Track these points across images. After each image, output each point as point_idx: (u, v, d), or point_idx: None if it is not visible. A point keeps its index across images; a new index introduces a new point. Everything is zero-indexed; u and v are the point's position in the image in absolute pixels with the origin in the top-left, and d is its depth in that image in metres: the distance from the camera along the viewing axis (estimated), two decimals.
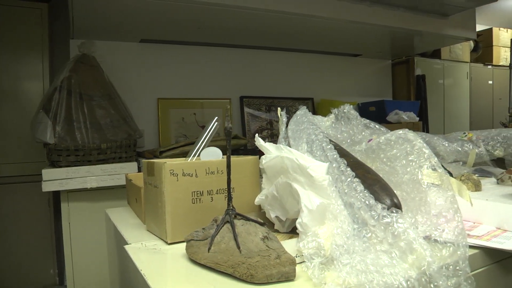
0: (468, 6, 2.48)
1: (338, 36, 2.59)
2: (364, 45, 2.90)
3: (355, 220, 0.66)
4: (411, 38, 2.74)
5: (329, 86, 3.11)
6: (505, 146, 1.67)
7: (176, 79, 2.72)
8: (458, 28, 2.67)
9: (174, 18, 2.18)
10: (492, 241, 0.83)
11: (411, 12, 2.36)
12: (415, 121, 2.83)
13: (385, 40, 2.79)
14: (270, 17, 2.07)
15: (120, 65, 2.54)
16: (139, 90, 2.61)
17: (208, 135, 0.96)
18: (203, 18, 2.19)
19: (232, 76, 2.86)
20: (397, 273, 0.57)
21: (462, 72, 3.84)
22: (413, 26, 2.41)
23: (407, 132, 0.78)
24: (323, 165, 0.67)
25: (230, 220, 0.69)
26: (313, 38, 2.64)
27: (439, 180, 0.72)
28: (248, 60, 2.90)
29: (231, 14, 2.07)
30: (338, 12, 2.09)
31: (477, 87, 4.00)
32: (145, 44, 2.63)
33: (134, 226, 1.02)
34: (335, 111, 1.03)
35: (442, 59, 3.64)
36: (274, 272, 0.59)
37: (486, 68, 4.15)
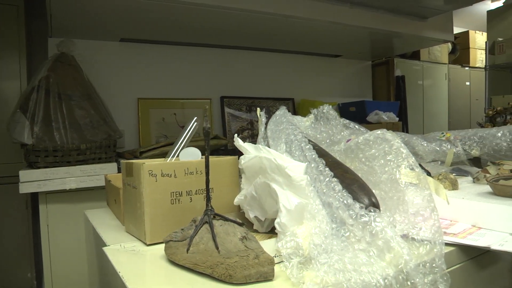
0: (445, 9, 2.53)
1: (319, 37, 2.60)
2: (344, 46, 2.92)
3: (333, 220, 0.66)
4: (391, 39, 2.77)
5: (309, 87, 3.12)
6: (481, 145, 1.70)
7: (157, 79, 2.70)
8: (436, 31, 2.71)
9: (154, 18, 2.17)
10: (468, 238, 0.84)
11: (391, 14, 2.40)
12: (395, 121, 2.86)
13: (365, 41, 2.82)
14: (251, 17, 2.07)
15: (100, 65, 2.50)
16: (119, 90, 2.58)
17: (187, 136, 0.96)
18: (184, 18, 2.18)
19: (213, 76, 2.85)
20: (375, 271, 0.57)
21: (440, 73, 3.91)
22: (392, 28, 2.44)
23: (385, 132, 0.79)
24: (301, 165, 0.68)
25: (208, 220, 0.68)
26: (293, 38, 2.65)
27: (416, 179, 0.73)
28: (229, 60, 2.89)
29: (212, 14, 2.06)
30: (319, 13, 2.10)
31: (455, 88, 4.08)
32: (125, 44, 2.60)
33: (113, 227, 1.01)
34: (315, 112, 1.03)
35: (421, 61, 3.70)
36: (253, 272, 0.59)
37: (463, 70, 4.23)
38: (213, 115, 2.85)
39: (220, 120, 2.87)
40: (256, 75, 2.98)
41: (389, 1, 2.22)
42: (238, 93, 2.93)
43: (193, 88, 2.79)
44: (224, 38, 2.65)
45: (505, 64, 3.17)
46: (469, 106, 4.28)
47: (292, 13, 2.03)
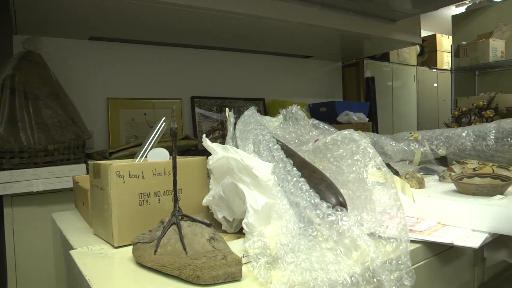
0: (413, 13, 2.59)
1: (289, 38, 2.62)
2: (314, 47, 2.95)
3: (301, 219, 0.67)
4: (361, 41, 2.82)
5: (280, 87, 3.14)
6: (447, 145, 1.75)
7: (127, 79, 2.66)
8: (405, 33, 2.78)
9: (124, 16, 2.13)
10: (433, 235, 0.87)
11: (360, 16, 2.43)
12: (365, 122, 2.91)
13: (335, 43, 2.85)
14: (222, 17, 2.06)
15: (68, 63, 2.45)
16: (88, 89, 2.53)
17: (156, 136, 0.95)
18: (154, 17, 2.15)
19: (183, 76, 2.83)
20: (342, 269, 0.58)
21: (409, 75, 4.00)
22: (362, 30, 2.48)
23: (352, 132, 0.80)
24: (268, 165, 0.68)
25: (176, 221, 0.68)
26: (264, 39, 2.66)
27: (383, 178, 0.75)
28: (199, 60, 2.88)
29: (182, 13, 2.05)
30: (289, 14, 2.11)
31: (424, 89, 4.18)
32: (94, 42, 2.55)
33: (81, 230, 0.99)
34: (283, 112, 1.04)
35: (391, 62, 3.78)
36: (220, 273, 0.59)
37: (431, 72, 4.34)
38: (184, 115, 2.82)
39: (190, 120, 2.85)
40: (227, 75, 2.98)
41: (359, 4, 2.25)
42: (209, 93, 2.92)
43: (163, 88, 2.76)
44: (195, 38, 2.63)
45: (469, 66, 3.28)
46: (437, 107, 4.40)
47: (262, 14, 2.03)
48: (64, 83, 2.12)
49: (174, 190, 0.71)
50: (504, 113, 2.89)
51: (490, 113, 2.91)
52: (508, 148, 1.63)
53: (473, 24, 3.73)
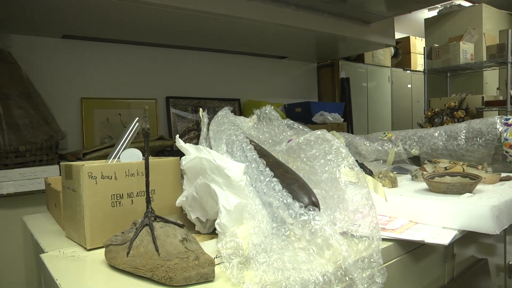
0: (387, 15, 2.63)
1: (265, 38, 2.63)
2: (290, 48, 2.96)
3: (274, 219, 0.67)
4: (336, 42, 2.84)
5: (256, 87, 3.14)
6: (420, 145, 1.79)
7: (101, 78, 2.62)
8: (379, 35, 2.82)
9: (99, 14, 2.10)
10: (405, 233, 0.89)
11: (335, 18, 2.46)
12: (340, 122, 2.94)
13: (310, 44, 2.87)
14: (197, 17, 2.05)
15: (40, 62, 2.39)
16: (61, 89, 2.47)
17: (129, 137, 0.94)
18: (129, 16, 2.12)
19: (159, 76, 2.81)
20: (314, 268, 0.59)
21: (384, 76, 4.06)
22: (337, 31, 2.51)
23: (325, 133, 0.81)
24: (240, 166, 0.68)
25: (149, 223, 0.67)
26: (240, 39, 2.65)
27: (355, 178, 0.76)
28: (174, 60, 2.86)
29: (157, 12, 2.03)
30: (264, 14, 2.12)
31: (398, 90, 4.25)
32: (67, 40, 2.50)
33: (53, 233, 0.97)
34: (257, 112, 1.04)
35: (366, 63, 3.83)
36: (193, 274, 0.59)
37: (405, 73, 4.42)
38: (159, 115, 2.80)
39: (165, 120, 2.83)
40: (203, 75, 2.97)
41: (334, 5, 2.27)
42: (184, 94, 2.90)
43: (138, 88, 2.73)
44: (170, 38, 2.61)
45: (441, 68, 3.36)
46: (411, 107, 4.48)
47: (238, 14, 2.03)
48: (36, 83, 2.08)
49: (147, 191, 0.70)
50: (474, 113, 2.97)
51: (461, 114, 2.98)
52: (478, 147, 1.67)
53: (445, 27, 3.83)
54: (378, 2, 2.33)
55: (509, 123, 1.65)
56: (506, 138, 1.62)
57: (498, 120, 1.67)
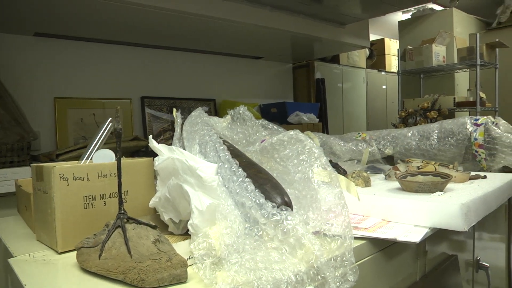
0: (362, 17, 2.67)
1: (240, 39, 2.62)
2: (265, 48, 2.96)
3: (247, 219, 0.67)
4: (311, 43, 2.86)
5: (231, 88, 3.14)
6: (394, 145, 1.82)
7: (75, 78, 2.57)
8: (354, 37, 2.85)
9: (72, 12, 2.05)
10: (377, 231, 0.90)
11: (311, 19, 2.47)
12: (315, 122, 2.96)
13: (286, 45, 2.88)
14: (172, 16, 2.04)
15: (11, 60, 2.33)
16: (34, 88, 2.42)
17: (102, 137, 0.93)
18: (102, 15, 2.09)
19: (133, 75, 2.77)
20: (286, 268, 0.59)
21: (359, 77, 4.11)
22: (312, 32, 2.53)
23: (298, 133, 0.82)
24: (213, 166, 0.68)
25: (121, 224, 0.66)
26: (215, 39, 2.65)
27: (328, 178, 0.77)
28: (150, 59, 2.83)
29: (131, 11, 2.00)
30: (240, 15, 2.11)
31: (373, 91, 4.31)
32: (40, 38, 2.44)
33: (23, 236, 0.95)
34: (231, 112, 1.04)
35: (341, 64, 3.86)
36: (165, 275, 0.59)
37: (380, 74, 4.49)
38: (134, 115, 2.77)
39: (140, 121, 2.80)
40: (178, 75, 2.95)
41: (309, 7, 2.29)
42: (159, 94, 2.88)
43: (113, 87, 2.69)
44: (146, 37, 2.59)
45: (415, 70, 3.43)
46: (385, 108, 4.55)
47: (213, 14, 2.02)
48: (6, 82, 2.02)
49: (119, 192, 0.69)
50: (446, 114, 3.04)
51: (434, 114, 3.04)
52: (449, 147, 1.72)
53: (418, 30, 3.91)
54: (353, 4, 2.35)
55: (478, 123, 1.69)
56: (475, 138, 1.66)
57: (468, 121, 1.72)
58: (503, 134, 1.65)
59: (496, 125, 1.71)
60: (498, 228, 1.76)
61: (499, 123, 1.75)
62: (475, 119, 1.72)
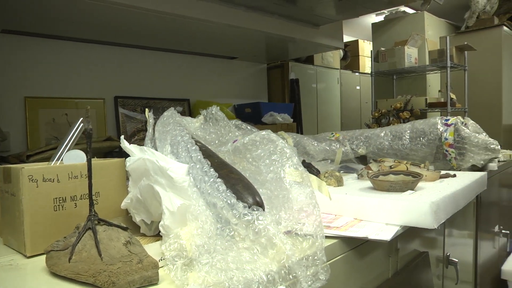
0: (336, 18, 2.69)
1: (215, 39, 2.61)
2: (240, 48, 2.95)
3: (218, 220, 0.67)
4: (285, 44, 2.87)
5: (205, 88, 3.12)
6: (367, 144, 1.85)
7: (46, 77, 2.51)
8: (328, 38, 2.87)
9: (43, 9, 2.00)
10: (349, 230, 0.91)
11: (285, 19, 2.48)
12: (290, 122, 2.97)
13: (260, 45, 2.87)
14: (145, 15, 2.01)
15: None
16: (2, 87, 2.35)
17: (73, 138, 0.91)
18: (73, 12, 2.04)
19: (107, 75, 2.73)
20: (258, 268, 0.59)
21: (333, 77, 4.15)
22: (286, 33, 2.53)
23: (269, 133, 0.83)
24: (183, 166, 0.68)
25: (92, 226, 0.66)
26: (189, 39, 2.63)
27: (300, 177, 0.77)
28: (124, 59, 2.79)
29: (104, 9, 1.96)
30: (214, 14, 2.10)
31: (347, 92, 4.36)
32: (8, 36, 2.37)
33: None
34: (204, 113, 1.04)
35: (315, 65, 3.89)
36: (136, 277, 0.58)
37: (354, 75, 4.55)
38: (107, 115, 2.72)
39: (114, 121, 2.75)
40: (152, 75, 2.91)
41: (283, 7, 2.30)
42: (133, 93, 2.84)
43: (86, 87, 2.64)
44: (119, 36, 2.55)
45: (388, 71, 3.49)
46: (359, 108, 4.61)
47: (187, 13, 2.01)
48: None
49: (90, 193, 0.68)
50: (418, 114, 3.10)
51: (406, 115, 3.10)
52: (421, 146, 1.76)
53: (391, 32, 3.99)
54: (327, 6, 2.38)
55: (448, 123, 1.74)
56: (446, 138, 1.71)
57: (439, 121, 1.76)
58: (472, 134, 1.70)
59: (465, 125, 1.76)
60: (466, 225, 1.81)
61: (468, 123, 1.80)
62: (445, 119, 1.77)
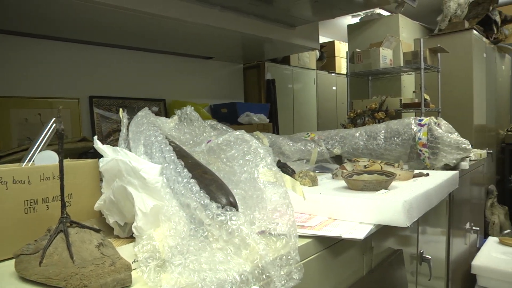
0: (312, 19, 2.71)
1: (190, 38, 2.59)
2: (216, 48, 2.94)
3: (192, 221, 0.67)
4: (262, 44, 2.87)
5: (181, 88, 3.10)
6: (342, 144, 1.87)
7: (18, 76, 2.44)
8: (304, 39, 2.89)
9: (13, 5, 1.95)
10: (323, 229, 0.92)
11: (261, 20, 2.48)
12: (266, 123, 2.98)
13: (236, 45, 2.87)
14: (121, 14, 1.98)
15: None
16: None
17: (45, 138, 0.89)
18: (48, 9, 1.99)
19: (81, 74, 2.68)
20: (231, 268, 0.59)
21: (309, 78, 4.18)
22: (262, 33, 2.53)
23: (243, 133, 0.83)
24: (156, 167, 0.68)
25: (63, 229, 0.64)
26: (165, 38, 2.61)
27: (273, 177, 0.78)
28: (98, 58, 2.74)
29: (78, 7, 1.91)
30: (189, 14, 2.09)
31: (323, 92, 4.40)
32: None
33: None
34: (178, 113, 1.04)
35: (291, 66, 3.90)
36: (109, 280, 0.57)
37: (330, 76, 4.60)
38: (82, 115, 2.68)
39: (88, 121, 2.71)
40: (128, 74, 2.88)
41: (259, 8, 2.30)
42: (109, 93, 2.79)
43: (60, 86, 2.58)
44: (94, 35, 2.50)
45: (363, 72, 3.54)
46: (335, 109, 4.66)
47: (162, 13, 1.99)
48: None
49: (62, 195, 0.67)
50: (393, 115, 3.16)
51: (381, 115, 3.15)
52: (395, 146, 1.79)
53: (366, 33, 4.05)
54: (303, 7, 2.39)
55: (422, 123, 1.78)
56: (419, 138, 1.74)
57: (413, 121, 1.80)
58: (444, 134, 1.74)
59: (438, 125, 1.80)
60: (439, 222, 1.86)
61: (440, 124, 1.84)
62: (419, 119, 1.80)
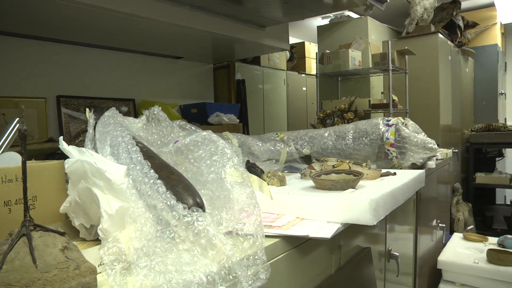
0: (282, 20, 2.73)
1: (160, 38, 2.57)
2: (185, 48, 2.91)
3: (159, 222, 0.67)
4: (231, 44, 2.86)
5: (151, 87, 3.06)
6: (311, 144, 1.89)
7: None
8: (274, 39, 2.90)
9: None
10: (291, 229, 0.93)
11: (231, 20, 2.48)
12: (236, 123, 2.98)
13: (206, 45, 2.85)
14: (90, 12, 1.94)
15: None
16: None
17: (8, 139, 0.87)
18: (14, 5, 1.93)
19: (49, 73, 2.60)
20: (198, 269, 0.59)
21: (279, 78, 4.20)
22: (232, 33, 2.53)
23: (210, 133, 0.83)
24: (121, 168, 0.67)
25: (26, 232, 0.63)
26: (134, 37, 2.57)
27: (240, 178, 0.78)
28: (66, 56, 2.68)
29: (45, 4, 1.87)
30: (158, 13, 2.06)
31: (293, 93, 4.43)
32: None
33: None
34: (146, 113, 1.03)
35: (262, 66, 3.91)
36: (74, 284, 0.56)
37: (300, 76, 4.63)
38: (49, 115, 2.60)
39: (56, 121, 2.64)
40: (96, 74, 2.82)
41: (229, 8, 2.30)
42: (77, 93, 2.73)
43: (25, 85, 2.51)
44: (62, 33, 2.44)
45: (332, 73, 3.59)
46: (305, 109, 4.70)
47: (131, 11, 1.95)
48: None
49: (25, 198, 0.65)
50: (362, 115, 3.21)
51: (350, 115, 3.20)
52: (364, 146, 1.82)
53: (336, 35, 4.11)
54: (273, 8, 2.40)
55: (389, 124, 1.81)
56: (387, 138, 1.78)
57: (381, 121, 1.83)
58: (411, 134, 1.78)
59: (406, 125, 1.85)
60: (407, 220, 1.90)
61: (408, 124, 1.89)
62: (387, 120, 1.84)
